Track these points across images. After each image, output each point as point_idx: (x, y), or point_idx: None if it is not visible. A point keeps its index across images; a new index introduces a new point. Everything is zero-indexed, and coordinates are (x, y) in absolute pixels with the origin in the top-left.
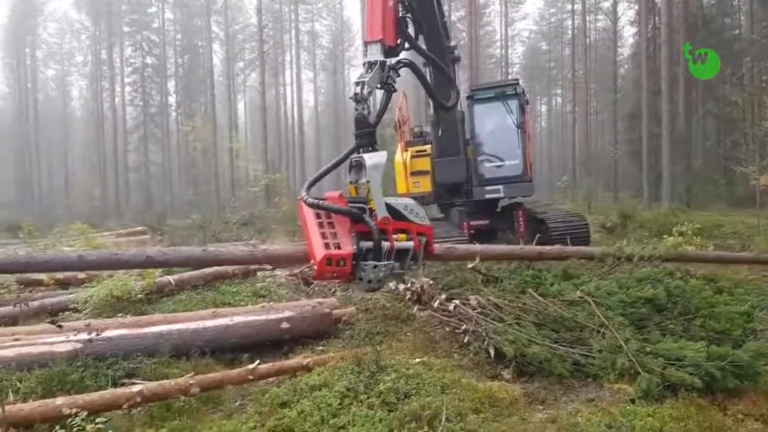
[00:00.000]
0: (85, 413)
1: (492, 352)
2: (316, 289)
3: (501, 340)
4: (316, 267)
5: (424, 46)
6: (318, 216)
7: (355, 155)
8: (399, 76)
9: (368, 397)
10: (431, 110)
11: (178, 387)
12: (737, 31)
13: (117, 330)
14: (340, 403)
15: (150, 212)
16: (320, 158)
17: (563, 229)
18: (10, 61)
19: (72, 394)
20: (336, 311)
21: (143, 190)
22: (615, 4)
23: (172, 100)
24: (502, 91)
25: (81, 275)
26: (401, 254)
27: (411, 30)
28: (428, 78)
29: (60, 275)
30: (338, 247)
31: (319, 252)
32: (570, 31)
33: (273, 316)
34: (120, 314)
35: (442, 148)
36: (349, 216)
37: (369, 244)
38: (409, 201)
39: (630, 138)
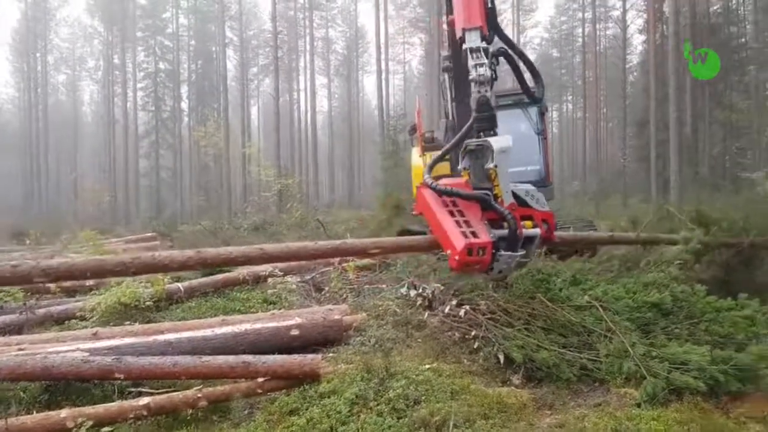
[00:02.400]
0: (90, 423)
1: (501, 357)
2: (327, 295)
3: (510, 345)
4: (457, 257)
5: None
6: (446, 204)
7: (474, 140)
8: (498, 64)
9: (378, 404)
10: (449, 116)
11: (185, 400)
12: (743, 40)
13: (125, 338)
14: (349, 411)
15: (160, 218)
16: (333, 163)
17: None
18: (20, 65)
19: (77, 404)
20: (347, 318)
21: (154, 196)
22: (624, 13)
23: (184, 105)
24: (522, 98)
25: (89, 282)
26: (527, 242)
27: None
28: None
29: (67, 283)
30: (475, 235)
31: (459, 241)
32: (580, 39)
33: (282, 324)
34: (128, 322)
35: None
36: (481, 202)
37: (501, 232)
38: (530, 187)
39: (638, 144)
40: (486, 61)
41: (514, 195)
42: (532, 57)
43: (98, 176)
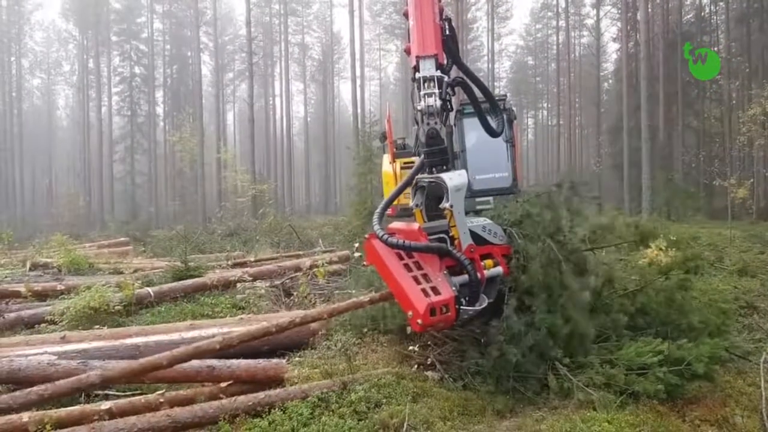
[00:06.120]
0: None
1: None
2: (297, 300)
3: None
4: (420, 321)
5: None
6: (400, 256)
7: (426, 176)
8: (454, 94)
9: (340, 407)
10: (418, 123)
11: (147, 404)
12: (716, 49)
13: (93, 342)
14: (311, 413)
15: (134, 223)
16: (309, 169)
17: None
18: None
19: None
20: (314, 323)
21: (128, 201)
22: (598, 21)
23: (160, 110)
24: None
25: (59, 287)
26: (489, 283)
27: None
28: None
29: (38, 287)
30: (435, 291)
31: (420, 302)
32: (555, 47)
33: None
34: (97, 326)
35: None
36: (438, 253)
37: (462, 278)
38: (486, 221)
39: (612, 151)
40: (437, 91)
41: (472, 233)
42: (507, 64)
43: (73, 181)
